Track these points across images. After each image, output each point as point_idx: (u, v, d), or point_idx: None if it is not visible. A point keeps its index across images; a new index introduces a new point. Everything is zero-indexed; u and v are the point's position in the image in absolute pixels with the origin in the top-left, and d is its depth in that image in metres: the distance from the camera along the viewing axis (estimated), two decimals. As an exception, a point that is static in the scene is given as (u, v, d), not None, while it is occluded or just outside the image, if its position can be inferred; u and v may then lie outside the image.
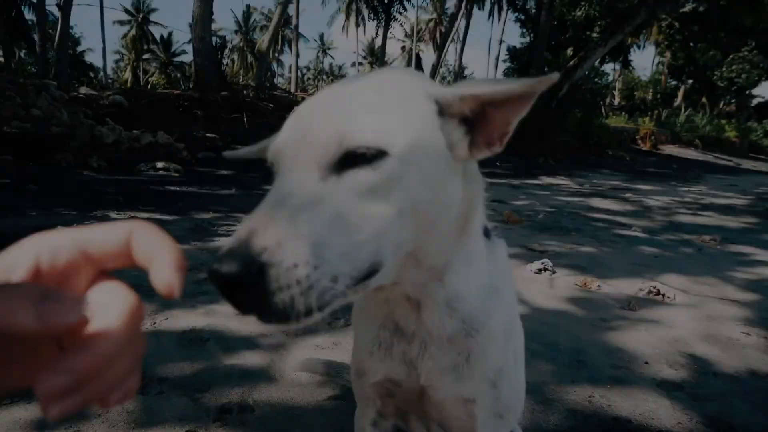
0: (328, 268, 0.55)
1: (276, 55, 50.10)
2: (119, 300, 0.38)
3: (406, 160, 0.61)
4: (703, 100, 33.51)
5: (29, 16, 27.01)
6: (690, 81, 33.62)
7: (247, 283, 0.51)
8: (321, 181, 0.59)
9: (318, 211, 0.56)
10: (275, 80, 48.36)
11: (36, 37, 18.89)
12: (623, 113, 27.49)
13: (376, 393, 0.96)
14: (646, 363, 2.18)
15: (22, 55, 29.32)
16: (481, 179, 0.78)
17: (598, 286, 3.24)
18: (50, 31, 21.95)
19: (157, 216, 4.69)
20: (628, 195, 8.77)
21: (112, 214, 4.58)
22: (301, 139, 0.63)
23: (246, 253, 0.51)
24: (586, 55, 14.12)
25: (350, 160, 0.60)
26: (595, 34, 20.04)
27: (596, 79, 15.86)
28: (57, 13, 16.55)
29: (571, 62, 14.34)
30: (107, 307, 0.36)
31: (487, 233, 0.85)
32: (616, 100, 39.11)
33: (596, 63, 16.04)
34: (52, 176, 6.53)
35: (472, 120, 0.68)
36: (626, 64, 26.83)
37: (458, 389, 0.86)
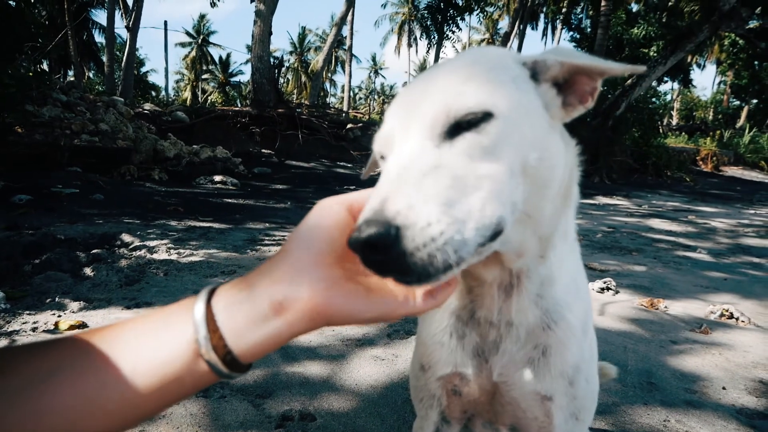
0: (459, 225, 0.57)
1: (329, 75, 51.33)
2: None
3: (510, 119, 0.64)
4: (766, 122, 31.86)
5: (99, 38, 28.93)
6: (754, 101, 32.08)
7: (387, 245, 0.53)
8: (436, 149, 0.62)
9: (439, 175, 0.59)
10: (328, 100, 49.48)
11: (104, 58, 20.09)
12: (682, 134, 26.48)
13: (443, 389, 0.91)
14: (724, 388, 2.04)
15: (91, 75, 31.27)
16: (574, 145, 0.81)
17: (665, 307, 3.08)
18: (117, 53, 23.33)
19: (216, 226, 4.83)
20: (690, 216, 8.37)
21: (173, 224, 4.75)
22: (408, 119, 0.66)
23: (382, 219, 0.54)
24: (645, 74, 13.71)
25: (458, 128, 0.63)
26: (653, 53, 19.52)
27: (654, 99, 15.34)
28: (125, 35, 17.55)
29: (629, 81, 13.96)
30: None
31: None
32: (675, 121, 37.78)
33: (654, 82, 15.55)
34: (117, 187, 6.86)
35: (562, 83, 0.72)
36: (686, 83, 25.96)
37: (534, 385, 0.82)
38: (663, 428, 1.71)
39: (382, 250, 0.53)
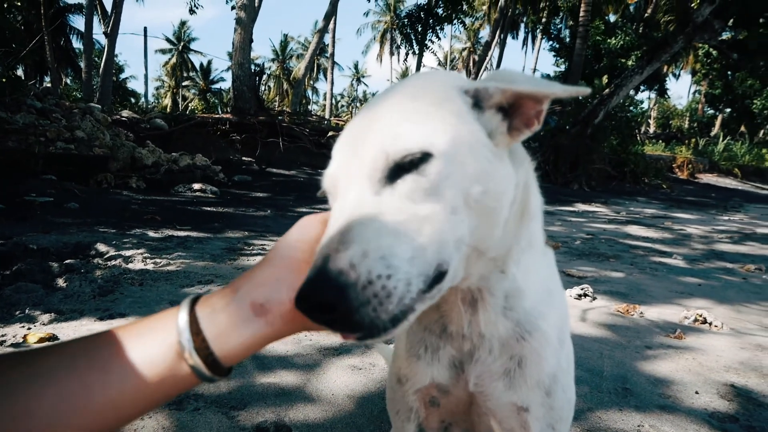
0: (400, 275, 0.58)
1: (311, 82, 51.30)
2: None
3: (451, 156, 0.64)
4: (742, 128, 32.71)
5: (77, 44, 28.54)
6: (728, 110, 32.89)
7: (332, 307, 0.55)
8: (376, 195, 0.63)
9: (379, 225, 0.60)
10: (310, 107, 49.41)
11: (82, 63, 19.81)
12: (659, 141, 27.01)
13: (421, 401, 0.90)
14: (697, 393, 2.06)
15: (68, 81, 30.79)
16: (529, 159, 0.80)
17: (641, 313, 3.12)
18: (96, 59, 23.03)
19: (194, 234, 4.77)
20: (666, 223, 8.52)
21: (150, 233, 4.68)
22: (350, 162, 0.67)
23: (325, 280, 0.56)
24: (622, 83, 13.99)
25: (399, 169, 0.63)
26: (630, 63, 19.93)
27: (631, 108, 15.64)
28: (103, 41, 17.33)
29: (607, 90, 14.22)
30: None
31: None
32: (652, 129, 38.53)
33: (632, 91, 15.85)
34: (93, 195, 6.75)
35: (507, 107, 0.71)
36: (662, 93, 26.54)
37: (511, 396, 0.82)
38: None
39: (328, 311, 0.55)
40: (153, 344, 0.61)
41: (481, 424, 0.88)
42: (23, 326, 2.40)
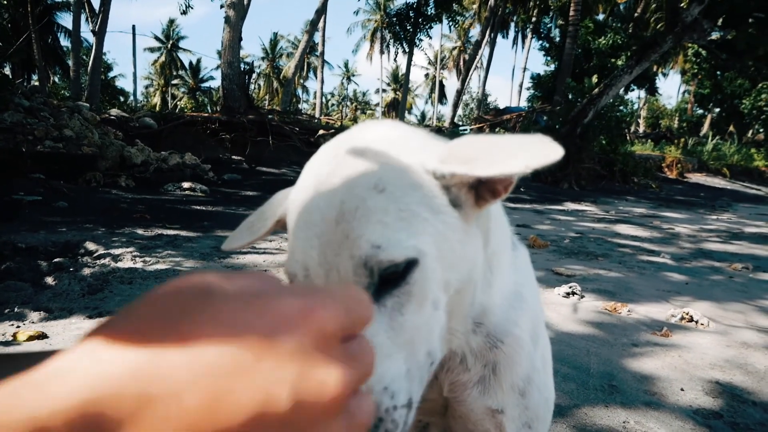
0: (401, 397, 0.56)
1: (301, 81, 51.16)
2: None
3: (432, 257, 0.60)
4: (731, 128, 33.05)
5: (65, 42, 28.26)
6: (717, 110, 33.22)
7: None
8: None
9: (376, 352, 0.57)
10: (300, 106, 49.29)
11: (70, 62, 19.62)
12: (649, 141, 27.23)
13: None
14: (682, 390, 2.09)
15: (56, 80, 30.47)
16: (498, 210, 0.77)
17: (628, 311, 3.15)
18: (84, 57, 22.81)
19: (183, 233, 4.74)
20: (655, 222, 8.60)
21: (140, 231, 4.65)
22: (325, 275, 0.61)
23: None
24: (611, 83, 14.08)
25: (384, 282, 0.58)
26: (620, 62, 20.06)
27: (621, 107, 15.76)
28: (91, 39, 17.17)
29: (596, 90, 14.31)
30: None
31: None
32: (642, 128, 38.83)
33: (621, 91, 15.97)
34: (82, 194, 6.69)
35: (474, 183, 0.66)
36: (652, 92, 26.74)
37: (485, 401, 0.82)
38: (622, 429, 1.74)
39: None
40: None
41: (457, 426, 0.88)
42: (12, 324, 2.38)
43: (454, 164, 0.61)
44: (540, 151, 0.59)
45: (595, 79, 17.87)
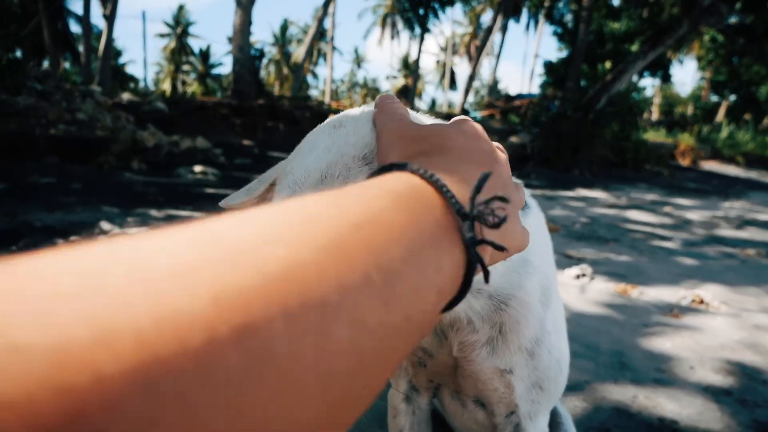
0: None
1: (311, 67, 50.99)
2: None
3: None
4: (747, 116, 32.52)
5: (75, 28, 28.33)
6: (732, 97, 32.70)
7: None
8: None
9: None
10: (310, 92, 49.17)
11: (81, 48, 19.67)
12: (662, 128, 26.91)
13: (408, 361, 0.94)
14: (691, 368, 2.10)
15: (67, 65, 30.61)
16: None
17: (639, 293, 3.16)
18: (95, 42, 22.88)
19: (196, 215, 4.79)
20: (667, 209, 8.54)
21: (152, 212, 4.71)
22: None
23: None
24: (625, 69, 13.90)
25: None
26: (634, 47, 19.77)
27: (634, 93, 15.55)
28: (101, 25, 17.21)
29: (609, 76, 14.14)
30: None
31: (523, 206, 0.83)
32: (655, 115, 38.35)
33: (635, 77, 15.77)
34: (96, 177, 6.76)
35: None
36: (666, 79, 26.36)
37: (494, 361, 0.84)
38: (632, 403, 1.76)
39: None
40: None
41: (467, 386, 0.91)
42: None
43: None
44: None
45: (608, 64, 17.62)
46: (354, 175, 0.60)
